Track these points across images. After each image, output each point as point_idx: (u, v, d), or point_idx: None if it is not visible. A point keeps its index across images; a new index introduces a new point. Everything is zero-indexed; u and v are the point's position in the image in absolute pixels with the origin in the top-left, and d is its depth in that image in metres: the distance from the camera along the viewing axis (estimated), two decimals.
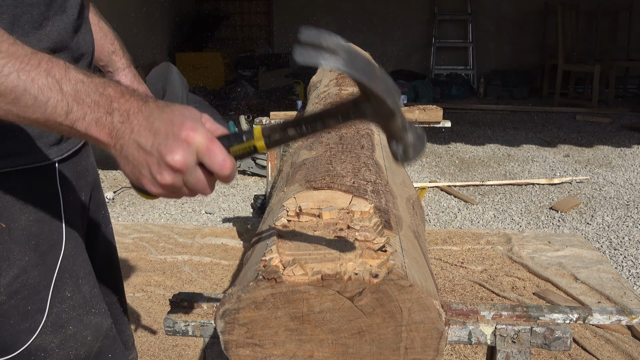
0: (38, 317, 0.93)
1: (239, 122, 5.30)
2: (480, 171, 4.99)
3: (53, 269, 0.94)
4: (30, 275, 0.92)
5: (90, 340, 1.00)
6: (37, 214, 0.93)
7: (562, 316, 1.00)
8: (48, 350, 0.94)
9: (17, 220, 0.91)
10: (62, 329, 0.95)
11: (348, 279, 0.78)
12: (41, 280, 0.93)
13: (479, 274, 2.99)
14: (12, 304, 0.91)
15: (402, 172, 1.46)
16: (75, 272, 0.98)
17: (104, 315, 1.04)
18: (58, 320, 0.95)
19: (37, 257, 0.93)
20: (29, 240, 0.92)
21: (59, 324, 0.95)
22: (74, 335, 0.97)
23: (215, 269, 3.11)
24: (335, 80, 2.35)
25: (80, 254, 1.01)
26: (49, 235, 0.94)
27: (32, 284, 0.92)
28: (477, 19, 8.99)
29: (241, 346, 0.83)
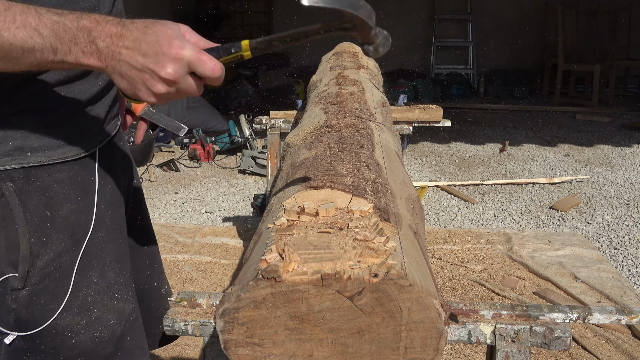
0: (66, 298, 0.99)
1: (239, 121, 5.31)
2: (480, 170, 4.99)
3: (83, 256, 1.00)
4: (64, 260, 0.98)
5: (114, 323, 1.05)
6: (78, 204, 0.99)
7: (562, 315, 1.00)
8: (74, 330, 1.00)
9: (60, 210, 0.97)
10: (88, 312, 1.01)
11: (348, 279, 0.78)
12: (71, 265, 0.99)
13: (479, 273, 3.00)
14: (44, 284, 0.96)
15: (402, 171, 1.45)
16: (102, 258, 1.04)
17: (126, 301, 1.09)
18: (84, 304, 1.01)
19: (71, 244, 0.99)
20: (67, 228, 0.98)
21: (85, 307, 1.01)
22: (98, 319, 1.03)
23: (215, 268, 3.11)
24: (335, 79, 2.35)
25: (110, 241, 1.06)
26: (85, 224, 1.01)
27: (64, 267, 0.98)
28: (477, 19, 8.99)
29: (241, 345, 0.83)
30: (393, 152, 1.57)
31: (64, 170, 0.97)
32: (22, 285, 0.95)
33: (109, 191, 1.07)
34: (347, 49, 3.16)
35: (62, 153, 0.96)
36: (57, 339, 0.99)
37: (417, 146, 5.83)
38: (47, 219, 0.95)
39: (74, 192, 0.98)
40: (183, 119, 6.09)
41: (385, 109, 2.16)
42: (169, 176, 4.98)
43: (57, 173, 0.96)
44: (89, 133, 1.01)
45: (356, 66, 2.70)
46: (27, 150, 0.93)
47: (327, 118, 1.69)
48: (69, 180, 0.98)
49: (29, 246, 0.94)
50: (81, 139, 0.99)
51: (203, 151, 5.38)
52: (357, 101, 1.94)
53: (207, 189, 4.62)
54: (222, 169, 5.19)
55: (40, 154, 0.94)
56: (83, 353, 1.01)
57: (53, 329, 0.98)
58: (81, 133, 0.99)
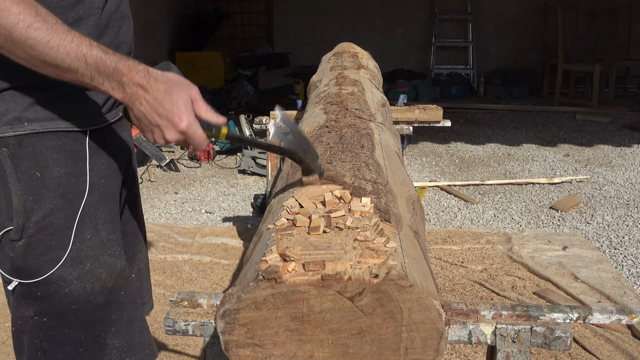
0: (60, 252, 1.10)
1: (239, 121, 5.31)
2: (480, 170, 4.99)
3: (76, 214, 1.12)
4: (57, 216, 1.10)
5: (105, 277, 1.15)
6: (68, 168, 1.11)
7: (562, 316, 1.00)
8: (67, 280, 1.11)
9: (50, 171, 1.09)
10: (80, 264, 1.12)
11: (348, 279, 0.78)
12: (65, 222, 1.11)
13: (479, 274, 3.00)
14: (39, 237, 1.09)
15: (402, 171, 1.45)
16: (95, 218, 1.15)
17: (118, 257, 1.19)
18: (77, 257, 1.12)
19: (63, 202, 1.11)
20: (58, 188, 1.10)
21: (78, 260, 1.12)
22: (90, 271, 1.13)
23: (215, 268, 3.11)
24: (335, 80, 2.35)
25: (103, 204, 1.18)
26: (76, 187, 1.12)
27: (57, 224, 1.10)
28: (477, 19, 8.99)
29: (241, 346, 0.83)
30: (393, 152, 1.57)
31: (53, 139, 1.09)
32: (18, 236, 1.08)
33: (103, 164, 1.19)
34: (347, 49, 3.16)
35: (54, 125, 1.09)
36: (51, 288, 1.10)
37: (417, 146, 5.83)
38: (38, 180, 1.08)
39: (62, 158, 1.11)
40: None
41: (386, 109, 2.16)
42: (169, 176, 4.98)
43: (47, 141, 1.09)
44: (84, 113, 1.14)
45: (356, 66, 2.70)
46: (24, 121, 1.07)
47: (327, 118, 1.70)
48: (58, 148, 1.10)
49: (23, 202, 1.08)
50: (75, 117, 1.12)
51: (203, 151, 5.38)
52: (357, 101, 1.94)
53: (207, 189, 4.62)
54: (222, 169, 5.19)
55: (35, 124, 1.07)
56: (76, 301, 1.12)
57: (48, 279, 1.10)
58: (76, 112, 1.13)
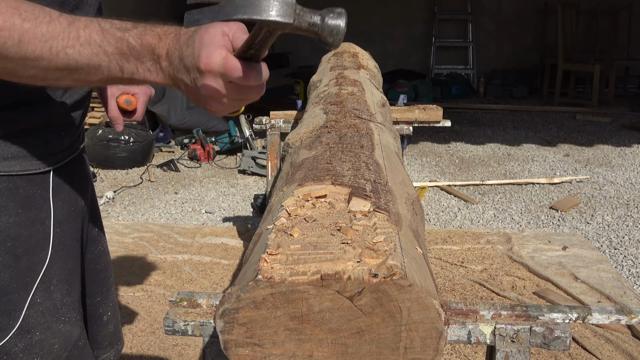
0: (3, 319, 0.91)
1: (239, 121, 5.31)
2: (480, 170, 4.99)
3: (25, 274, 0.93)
4: (2, 276, 0.91)
5: (58, 348, 0.98)
6: (18, 217, 0.92)
7: (562, 316, 1.00)
8: (11, 354, 0.92)
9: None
10: (28, 334, 0.93)
11: (347, 279, 0.78)
12: (11, 283, 0.91)
13: (479, 274, 3.00)
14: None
15: (402, 171, 1.46)
16: (48, 277, 0.96)
17: (74, 324, 1.01)
18: (24, 325, 0.93)
19: (10, 259, 0.91)
20: (5, 241, 0.91)
21: (25, 329, 0.93)
22: (40, 342, 0.95)
23: (215, 268, 3.11)
24: (335, 80, 2.35)
25: (59, 259, 0.99)
26: (27, 240, 0.93)
27: (3, 285, 0.91)
28: (477, 19, 8.99)
29: (241, 346, 0.83)
30: (393, 153, 1.57)
31: (3, 181, 0.90)
32: None
33: (59, 207, 1.00)
34: (347, 49, 3.16)
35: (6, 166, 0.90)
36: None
37: (417, 146, 5.83)
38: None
39: (13, 205, 0.91)
40: (183, 119, 6.09)
41: (385, 109, 2.16)
42: (169, 176, 4.98)
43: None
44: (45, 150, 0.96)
45: (356, 66, 2.70)
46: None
47: (327, 118, 1.70)
48: (8, 191, 0.91)
49: None
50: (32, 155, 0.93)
51: (203, 151, 5.38)
52: (357, 101, 1.95)
53: (207, 189, 4.62)
54: (222, 169, 5.19)
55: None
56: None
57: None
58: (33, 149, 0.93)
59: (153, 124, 6.20)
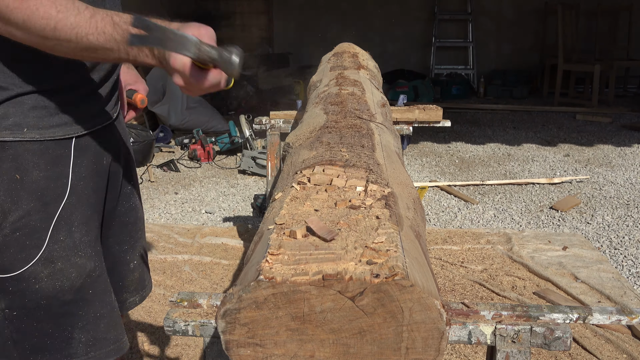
0: (33, 251, 1.15)
1: (239, 121, 5.31)
2: (480, 171, 4.99)
3: (52, 217, 1.16)
4: (33, 218, 1.14)
5: (74, 276, 1.21)
6: (46, 172, 1.15)
7: (562, 316, 1.00)
8: (38, 278, 1.17)
9: (30, 175, 1.13)
10: (52, 264, 1.17)
11: (349, 279, 0.78)
12: (40, 224, 1.15)
13: (479, 274, 3.00)
14: (14, 237, 1.14)
15: (402, 171, 1.46)
16: (70, 220, 1.19)
17: (89, 259, 1.24)
18: (50, 257, 1.17)
19: (40, 205, 1.15)
20: (36, 191, 1.14)
21: (50, 260, 1.17)
22: (61, 270, 1.18)
23: (216, 268, 3.11)
24: (335, 80, 2.35)
25: (80, 206, 1.21)
26: (53, 190, 1.16)
27: (33, 225, 1.15)
28: (477, 19, 8.99)
29: (242, 346, 0.83)
30: (393, 153, 1.57)
31: (36, 143, 1.13)
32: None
33: (84, 166, 1.22)
34: (347, 49, 3.16)
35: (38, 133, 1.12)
36: (22, 284, 1.16)
37: (417, 146, 5.83)
38: (17, 182, 1.12)
39: (43, 162, 1.14)
40: (183, 120, 6.09)
41: (386, 110, 2.17)
42: (169, 176, 4.98)
43: (29, 144, 1.12)
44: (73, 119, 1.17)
45: (356, 66, 2.70)
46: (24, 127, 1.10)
47: (328, 118, 1.70)
48: (40, 152, 1.13)
49: (1, 203, 1.12)
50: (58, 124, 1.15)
51: (203, 151, 5.38)
52: (357, 102, 1.95)
53: (207, 190, 4.62)
54: (222, 169, 5.19)
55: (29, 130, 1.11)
56: (45, 297, 1.18)
57: (20, 275, 1.15)
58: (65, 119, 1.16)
59: (153, 124, 6.20)
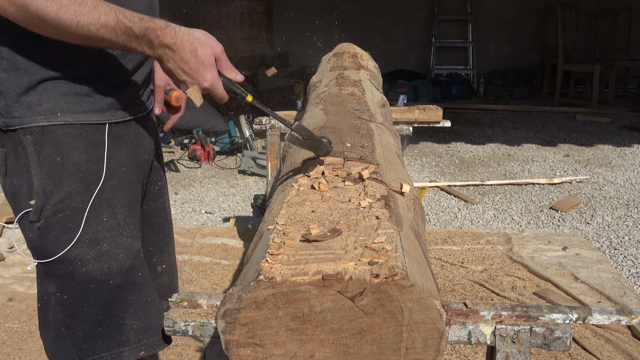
0: (76, 233, 1.16)
1: (239, 122, 5.31)
2: (480, 171, 4.99)
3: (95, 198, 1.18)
4: (75, 199, 1.17)
5: (122, 257, 1.22)
6: (87, 155, 1.18)
7: (562, 316, 1.00)
8: (85, 260, 1.17)
9: (70, 157, 1.16)
10: (97, 245, 1.18)
11: (349, 279, 0.78)
12: (82, 205, 1.17)
13: (479, 274, 3.00)
14: (57, 219, 1.15)
15: (402, 171, 1.46)
16: (113, 202, 1.22)
17: (135, 239, 1.26)
18: (94, 238, 1.18)
19: (82, 187, 1.17)
20: (77, 173, 1.17)
21: (95, 241, 1.18)
22: (107, 252, 1.20)
23: (216, 268, 3.11)
24: (335, 80, 2.35)
25: (121, 190, 1.24)
26: (94, 172, 1.19)
27: (75, 206, 1.17)
28: (477, 19, 8.99)
29: (242, 346, 0.83)
30: (393, 153, 1.57)
31: (75, 127, 1.17)
32: (37, 218, 1.15)
33: (123, 153, 1.25)
34: (347, 49, 3.16)
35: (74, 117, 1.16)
36: (69, 267, 1.17)
37: (417, 147, 5.83)
38: (58, 165, 1.15)
39: (83, 145, 1.17)
40: (183, 120, 6.09)
41: (386, 110, 2.16)
42: (169, 177, 4.98)
43: (69, 128, 1.16)
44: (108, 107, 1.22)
45: (356, 67, 2.70)
46: (57, 112, 1.14)
47: (328, 119, 1.70)
48: (79, 135, 1.17)
49: (43, 186, 1.14)
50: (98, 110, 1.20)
51: (203, 152, 5.38)
52: (357, 102, 1.95)
53: (207, 190, 4.62)
54: (222, 169, 5.19)
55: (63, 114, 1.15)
56: (94, 280, 1.18)
57: (66, 258, 1.16)
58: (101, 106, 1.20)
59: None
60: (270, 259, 0.84)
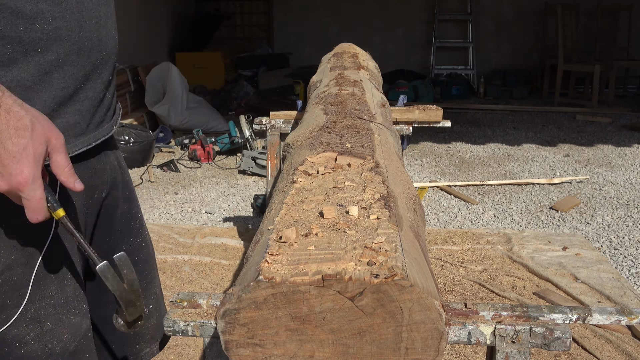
0: (14, 310, 0.97)
1: (239, 122, 5.31)
2: (480, 171, 4.99)
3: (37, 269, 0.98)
4: (14, 272, 0.96)
5: (67, 338, 1.04)
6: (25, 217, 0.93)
7: (562, 316, 1.00)
8: (23, 341, 0.99)
9: (7, 222, 0.95)
10: (39, 324, 1.00)
11: (348, 279, 0.78)
12: (24, 278, 0.97)
13: (479, 274, 3.00)
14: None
15: (402, 172, 1.46)
16: (61, 273, 1.02)
17: (84, 316, 1.07)
18: (36, 316, 1.00)
19: (23, 257, 0.97)
20: (18, 240, 0.96)
21: (37, 319, 1.00)
22: (51, 331, 1.02)
23: (216, 268, 3.11)
24: (335, 80, 2.35)
25: (73, 254, 1.04)
26: (40, 238, 0.98)
27: (15, 280, 0.97)
28: (477, 19, 9.00)
29: (242, 346, 0.83)
30: (393, 153, 1.57)
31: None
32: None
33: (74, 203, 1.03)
34: (347, 49, 3.16)
35: None
36: (4, 348, 0.98)
37: (417, 147, 5.83)
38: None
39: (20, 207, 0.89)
40: (183, 120, 6.09)
41: (386, 110, 2.16)
42: (169, 177, 4.98)
43: None
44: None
45: (356, 67, 2.70)
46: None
47: (327, 119, 1.70)
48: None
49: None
50: None
51: (203, 152, 5.38)
52: (357, 102, 1.95)
53: (207, 190, 4.62)
54: (222, 169, 5.19)
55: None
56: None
57: (1, 339, 0.98)
58: None
59: (153, 125, 6.20)
60: (270, 259, 0.83)
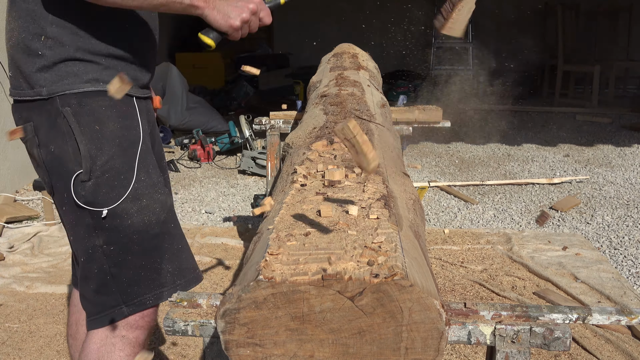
0: (121, 190, 1.35)
1: (239, 122, 5.31)
2: (480, 171, 4.99)
3: (132, 160, 1.37)
4: (116, 162, 1.34)
5: (159, 211, 1.40)
6: (119, 123, 1.36)
7: (562, 316, 1.00)
8: (130, 213, 1.36)
9: (107, 126, 1.34)
10: (138, 200, 1.37)
11: (348, 279, 0.78)
12: (123, 166, 1.35)
13: (479, 274, 3.00)
14: (104, 178, 1.33)
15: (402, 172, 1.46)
16: (146, 164, 1.41)
17: (167, 195, 1.45)
18: (135, 195, 1.36)
19: (120, 151, 1.35)
20: (114, 139, 1.35)
21: (137, 197, 1.36)
22: (147, 206, 1.38)
23: (216, 268, 3.11)
24: (335, 80, 2.35)
25: (149, 153, 1.44)
26: (129, 138, 1.37)
27: (117, 167, 1.35)
28: (477, 19, 8.99)
29: (242, 346, 0.83)
30: (393, 153, 1.57)
31: (106, 100, 1.33)
32: (87, 178, 1.32)
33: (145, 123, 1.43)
34: (347, 50, 3.16)
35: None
36: (116, 220, 1.34)
37: (417, 146, 5.83)
38: (98, 132, 1.32)
39: (115, 115, 1.35)
40: (182, 120, 6.09)
41: (385, 110, 2.16)
42: None
43: (101, 101, 1.33)
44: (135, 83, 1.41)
45: (356, 67, 2.70)
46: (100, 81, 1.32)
47: (327, 119, 1.70)
48: (110, 107, 1.34)
49: (88, 150, 1.31)
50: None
51: (203, 152, 5.38)
52: (357, 102, 1.95)
53: (207, 190, 4.62)
54: (222, 169, 5.19)
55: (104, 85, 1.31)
56: (136, 231, 1.36)
57: (114, 212, 1.34)
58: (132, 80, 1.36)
59: None
60: (270, 258, 0.84)
